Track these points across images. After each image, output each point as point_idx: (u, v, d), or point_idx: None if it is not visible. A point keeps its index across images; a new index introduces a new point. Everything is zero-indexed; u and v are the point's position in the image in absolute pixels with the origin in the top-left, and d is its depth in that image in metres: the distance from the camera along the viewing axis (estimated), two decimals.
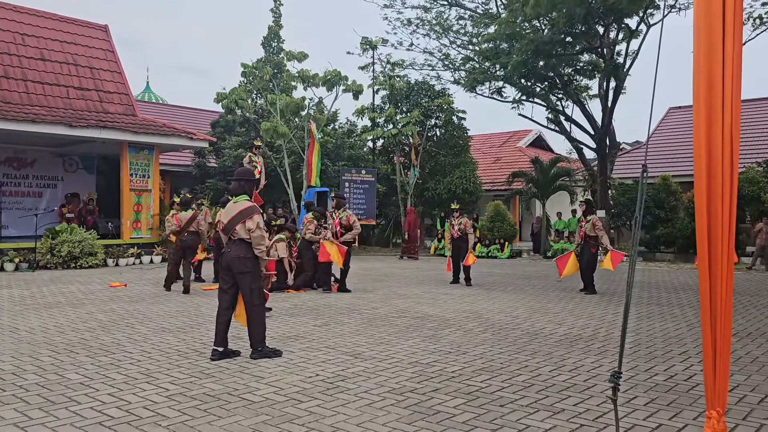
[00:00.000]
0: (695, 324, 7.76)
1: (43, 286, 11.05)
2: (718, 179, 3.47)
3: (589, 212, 11.26)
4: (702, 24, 3.72)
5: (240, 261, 5.69)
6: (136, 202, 16.91)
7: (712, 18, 3.65)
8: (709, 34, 3.65)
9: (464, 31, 22.44)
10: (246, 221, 5.69)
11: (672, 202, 19.94)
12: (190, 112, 30.30)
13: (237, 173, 6.05)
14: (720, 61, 3.59)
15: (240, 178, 5.94)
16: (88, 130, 15.68)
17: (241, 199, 5.84)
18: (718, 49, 3.59)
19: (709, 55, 3.62)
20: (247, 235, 5.71)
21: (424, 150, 23.03)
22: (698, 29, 3.74)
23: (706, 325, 3.26)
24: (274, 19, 25.54)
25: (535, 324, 7.69)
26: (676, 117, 27.73)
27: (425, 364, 5.54)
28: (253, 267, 5.76)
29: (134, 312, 8.31)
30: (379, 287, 11.47)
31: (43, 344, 6.21)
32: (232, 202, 5.89)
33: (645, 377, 5.15)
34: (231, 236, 5.77)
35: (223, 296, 5.80)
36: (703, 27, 3.71)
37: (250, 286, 5.72)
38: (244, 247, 5.73)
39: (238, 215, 5.71)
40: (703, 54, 3.66)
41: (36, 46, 17.26)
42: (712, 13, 3.67)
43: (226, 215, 5.82)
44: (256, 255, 5.76)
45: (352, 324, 7.53)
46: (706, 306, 3.26)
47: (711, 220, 3.43)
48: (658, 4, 17.88)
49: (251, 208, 5.78)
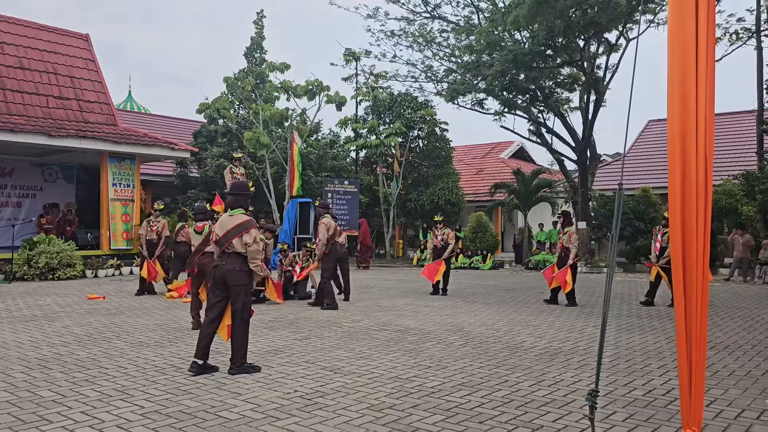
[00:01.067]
0: (674, 336, 7.79)
1: (18, 299, 10.87)
2: (692, 197, 3.50)
3: (567, 224, 11.34)
4: (675, 41, 3.76)
5: (236, 274, 5.65)
6: (123, 212, 16.74)
7: (685, 35, 3.68)
8: (682, 51, 3.68)
9: (447, 43, 22.58)
10: (243, 235, 5.67)
11: (652, 213, 20.15)
12: (173, 121, 30.12)
13: (232, 187, 6.02)
14: (693, 77, 3.62)
15: (236, 192, 5.93)
16: (67, 139, 15.52)
17: (238, 212, 5.81)
18: (691, 66, 3.63)
19: (683, 71, 3.66)
20: (243, 249, 5.68)
21: (407, 161, 23.09)
22: (672, 46, 3.78)
23: (681, 346, 3.28)
24: (256, 30, 25.54)
25: (516, 337, 7.70)
26: (656, 129, 28.10)
27: (405, 379, 5.51)
28: (248, 281, 5.74)
29: (111, 325, 8.19)
30: (360, 299, 11.42)
31: (16, 360, 6.08)
32: (227, 215, 5.84)
33: (624, 392, 5.17)
34: (225, 249, 5.72)
35: (212, 309, 5.72)
36: (676, 44, 3.75)
37: (243, 300, 5.68)
38: (240, 260, 5.70)
39: (235, 229, 5.68)
40: (676, 70, 3.70)
41: (15, 55, 17.08)
42: (685, 30, 3.71)
43: (221, 228, 5.76)
44: (251, 269, 5.72)
45: (333, 338, 7.48)
46: (681, 328, 3.28)
47: (686, 238, 3.45)
48: (636, 19, 18.16)
49: (249, 222, 5.76)
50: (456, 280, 15.84)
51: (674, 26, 3.77)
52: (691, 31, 3.69)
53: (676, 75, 3.70)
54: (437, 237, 12.47)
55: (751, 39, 18.67)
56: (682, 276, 3.48)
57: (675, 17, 3.70)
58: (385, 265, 21.24)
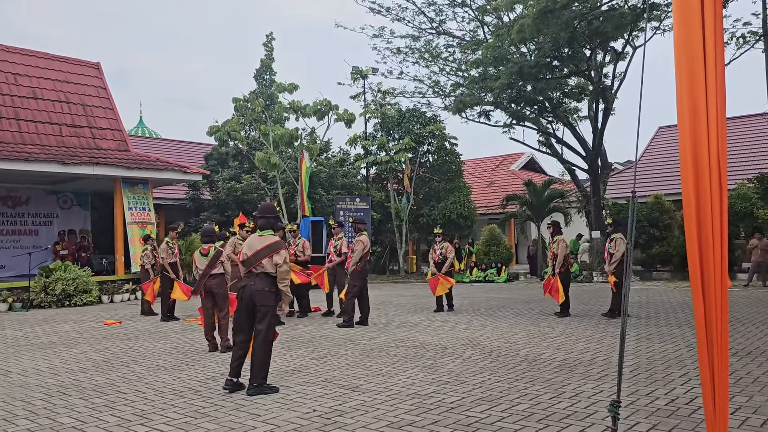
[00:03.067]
0: (695, 344, 7.69)
1: (36, 326, 10.94)
2: (707, 203, 3.46)
3: (556, 233, 11.22)
4: (681, 47, 3.74)
5: (264, 295, 5.71)
6: (141, 235, 16.82)
7: (692, 40, 3.67)
8: (689, 57, 3.67)
9: (453, 58, 22.70)
10: (273, 255, 5.74)
11: (666, 220, 19.99)
12: (184, 145, 30.43)
13: (261, 209, 6.12)
14: (702, 82, 3.60)
15: (266, 215, 6.01)
16: (81, 167, 15.70)
17: (267, 233, 5.90)
18: (699, 71, 3.61)
19: (691, 76, 3.64)
20: (273, 269, 5.74)
21: (418, 176, 23.12)
22: (678, 52, 3.76)
23: (702, 354, 3.23)
24: (266, 52, 25.82)
25: (534, 350, 7.63)
26: (666, 136, 27.95)
27: (424, 395, 5.47)
28: (275, 302, 5.80)
29: (129, 350, 8.21)
30: (376, 316, 11.38)
31: (36, 387, 6.11)
32: (257, 236, 5.92)
33: (646, 402, 5.10)
34: (253, 269, 5.75)
35: (241, 330, 5.78)
36: (682, 50, 3.74)
37: (269, 321, 5.73)
38: (269, 280, 5.75)
39: (266, 249, 5.75)
40: (684, 76, 3.68)
41: (29, 85, 17.36)
42: (691, 35, 3.69)
43: (250, 248, 5.82)
44: (280, 289, 5.78)
45: (350, 355, 7.45)
46: (702, 336, 3.23)
47: (702, 246, 3.42)
48: (642, 26, 18.17)
49: (279, 242, 5.85)
50: (471, 294, 15.77)
51: (680, 31, 3.76)
52: (698, 36, 3.67)
53: (684, 80, 3.68)
54: (436, 251, 12.36)
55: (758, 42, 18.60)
56: (701, 282, 3.43)
57: (680, 22, 3.69)
58: (399, 281, 21.19)
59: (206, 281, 7.97)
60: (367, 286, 10.47)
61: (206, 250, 8.28)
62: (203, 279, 7.96)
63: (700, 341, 3.37)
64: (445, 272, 12.02)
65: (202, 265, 8.10)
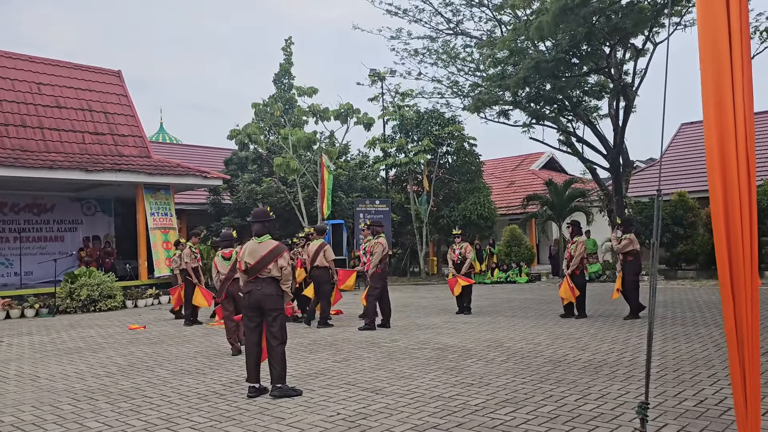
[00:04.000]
0: (722, 344, 7.57)
1: (62, 332, 11.10)
2: (735, 200, 3.40)
3: (576, 233, 11.02)
4: (706, 42, 3.68)
5: (272, 299, 5.80)
6: (164, 240, 17.03)
7: (717, 35, 3.60)
8: (714, 51, 3.60)
9: (471, 58, 22.59)
10: (278, 259, 5.84)
11: (690, 218, 19.69)
12: (204, 150, 30.70)
13: (255, 215, 6.13)
14: (729, 76, 3.53)
15: (261, 220, 6.05)
16: (103, 173, 15.92)
17: (266, 238, 5.98)
18: (725, 65, 3.54)
19: (716, 72, 3.57)
20: (279, 273, 5.84)
21: (437, 178, 23.05)
22: (703, 47, 3.70)
23: (733, 354, 3.16)
24: (285, 57, 25.98)
25: (558, 351, 7.55)
26: (689, 132, 27.56)
27: (447, 397, 5.44)
28: (282, 304, 5.91)
29: (153, 354, 8.29)
30: (398, 318, 11.36)
31: (64, 392, 6.19)
32: (256, 242, 5.96)
33: (674, 403, 5.01)
34: (259, 275, 5.83)
35: (251, 334, 5.85)
36: (707, 45, 3.67)
37: (280, 323, 5.82)
38: (275, 285, 5.85)
39: (270, 254, 5.83)
40: (709, 71, 3.61)
41: (52, 94, 17.66)
42: (717, 30, 3.63)
43: (253, 256, 5.87)
44: (284, 290, 5.90)
45: (372, 358, 7.44)
46: (732, 335, 3.17)
47: (731, 243, 3.35)
48: (663, 22, 17.92)
49: (280, 246, 5.95)
50: (493, 295, 15.69)
51: (704, 26, 3.69)
52: (723, 30, 3.60)
53: (709, 76, 3.61)
54: (455, 251, 12.24)
55: None
56: (730, 281, 3.37)
57: (704, 16, 3.63)
58: (421, 283, 21.14)
59: (228, 285, 8.06)
60: (387, 289, 10.45)
61: (228, 254, 8.39)
62: (226, 282, 8.07)
63: (730, 341, 3.30)
64: (464, 273, 11.94)
65: (225, 270, 8.20)
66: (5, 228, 18.26)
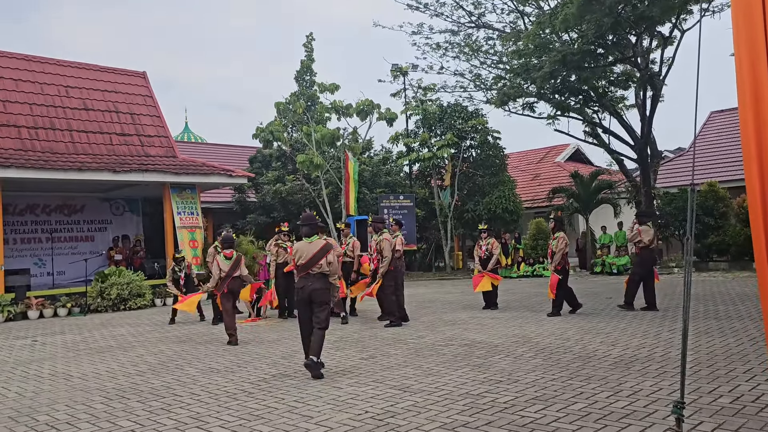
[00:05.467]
0: (758, 338, 7.40)
1: (94, 330, 11.28)
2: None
3: (558, 229, 10.75)
4: (741, 25, 3.56)
5: (321, 292, 6.58)
6: (191, 239, 17.20)
7: (752, 20, 3.49)
8: (750, 35, 3.48)
9: (494, 50, 22.41)
10: (327, 255, 6.63)
11: (721, 208, 19.30)
12: (228, 149, 30.94)
13: (303, 219, 6.97)
14: (765, 62, 3.42)
15: (308, 223, 6.89)
16: (131, 174, 16.10)
17: (315, 238, 6.81)
18: (761, 50, 3.43)
19: (752, 56, 3.45)
20: (328, 269, 6.62)
21: (461, 171, 22.91)
22: (738, 30, 3.58)
23: None
24: (306, 53, 26.01)
25: (587, 346, 7.45)
26: (719, 121, 26.98)
27: (476, 395, 5.39)
28: (329, 298, 6.72)
29: (182, 353, 8.38)
30: (424, 314, 11.33)
31: (96, 391, 6.29)
32: (307, 242, 6.75)
33: (709, 400, 4.90)
34: (309, 271, 6.59)
35: (306, 325, 6.65)
36: (742, 30, 3.56)
37: (327, 311, 6.65)
38: (323, 280, 6.63)
39: (320, 251, 6.62)
40: (745, 55, 3.49)
41: (79, 97, 17.91)
42: (752, 15, 3.51)
43: (303, 253, 6.67)
44: (331, 282, 6.70)
45: (399, 355, 7.42)
46: None
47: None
48: (690, 9, 17.55)
49: (328, 244, 6.76)
50: (520, 290, 15.55)
51: (739, 11, 3.58)
52: (759, 15, 3.49)
53: (744, 63, 3.50)
54: (482, 247, 11.99)
55: None
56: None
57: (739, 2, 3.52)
58: (446, 278, 21.06)
59: (229, 282, 9.02)
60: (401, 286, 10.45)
61: (229, 254, 9.19)
62: (227, 279, 9.02)
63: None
64: (491, 269, 11.76)
65: (226, 268, 9.07)
66: (38, 229, 18.62)
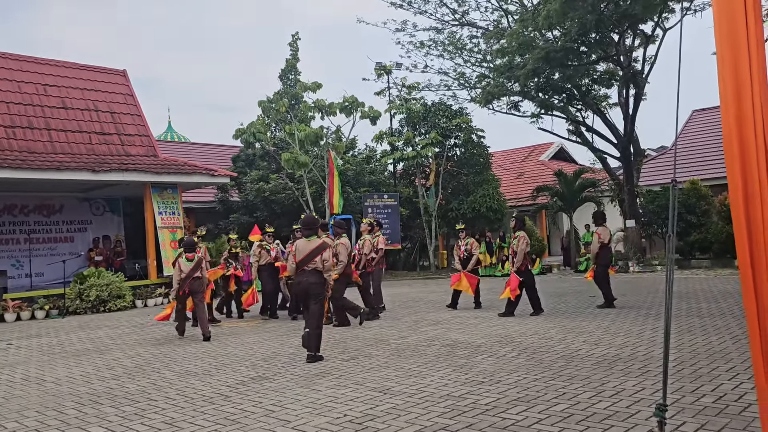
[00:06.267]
0: (740, 336, 7.39)
1: (71, 333, 11.06)
2: (755, 191, 3.24)
3: (518, 227, 10.56)
4: (723, 23, 3.51)
5: (316, 286, 7.28)
6: (171, 239, 16.98)
7: (734, 17, 3.44)
8: (732, 33, 3.43)
9: (478, 49, 22.37)
10: (322, 253, 7.29)
11: (703, 206, 19.43)
12: (212, 148, 30.66)
13: (303, 222, 7.65)
14: (746, 58, 3.37)
15: (309, 225, 7.54)
16: (110, 173, 15.86)
17: (313, 238, 7.41)
18: (743, 47, 3.38)
19: (734, 55, 3.40)
20: (321, 265, 7.26)
21: (446, 170, 22.85)
22: (720, 29, 3.52)
23: (756, 348, 3.01)
24: (291, 52, 25.83)
25: (570, 345, 7.39)
26: (701, 119, 27.19)
27: (457, 396, 5.31)
28: (323, 291, 7.46)
29: (160, 355, 8.21)
30: (407, 314, 11.25)
31: (68, 395, 6.12)
32: (305, 241, 7.39)
33: (692, 399, 4.85)
34: (306, 267, 7.23)
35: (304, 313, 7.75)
36: (725, 26, 3.50)
37: (321, 303, 7.40)
38: (318, 275, 7.27)
39: (315, 250, 7.27)
40: (727, 52, 3.44)
41: (58, 95, 17.62)
42: (734, 11, 3.46)
43: (301, 251, 7.30)
44: (326, 278, 7.38)
45: (381, 356, 7.32)
46: (754, 330, 3.01)
47: (752, 236, 3.20)
48: (673, 8, 17.62)
49: (324, 243, 7.42)
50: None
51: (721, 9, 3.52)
52: (740, 12, 3.44)
53: (726, 60, 3.44)
54: (461, 248, 11.83)
55: None
56: (752, 274, 3.22)
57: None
58: (431, 277, 21.00)
59: (189, 283, 9.66)
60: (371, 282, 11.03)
61: (191, 257, 9.84)
62: (187, 280, 9.64)
63: (752, 334, 3.15)
64: (470, 269, 11.58)
65: (187, 270, 9.71)
66: (15, 230, 18.27)
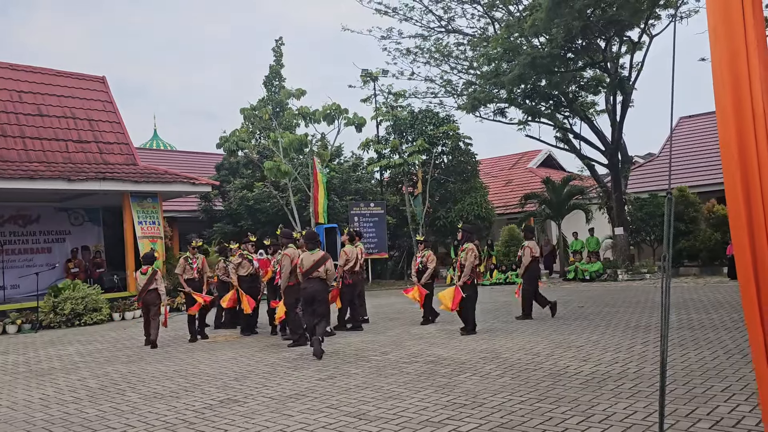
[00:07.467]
0: (733, 350, 7.10)
1: (41, 349, 10.60)
2: (758, 198, 2.96)
3: (466, 240, 10.02)
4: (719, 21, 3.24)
5: (323, 292, 8.62)
6: (153, 249, 16.48)
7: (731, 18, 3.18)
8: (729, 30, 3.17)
9: (464, 56, 22.14)
10: (325, 264, 8.53)
11: (692, 213, 19.26)
12: (196, 156, 30.24)
13: (306, 237, 8.81)
14: (745, 64, 3.10)
15: (312, 240, 8.72)
16: (87, 182, 15.40)
17: (316, 251, 8.59)
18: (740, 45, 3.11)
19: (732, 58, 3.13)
20: (325, 274, 8.52)
21: (433, 178, 22.56)
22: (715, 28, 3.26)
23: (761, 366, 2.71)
24: (275, 58, 25.49)
25: (558, 362, 7.07)
26: (687, 126, 27.12)
27: (437, 422, 4.96)
28: (328, 296, 8.96)
29: (128, 374, 7.80)
30: (391, 327, 10.90)
31: (21, 423, 5.70)
32: (309, 254, 8.56)
33: (687, 425, 4.53)
34: (311, 276, 8.45)
35: (309, 316, 8.58)
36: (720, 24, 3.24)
37: (326, 306, 8.80)
38: (321, 282, 8.56)
39: (319, 261, 8.50)
40: (725, 57, 3.17)
41: (33, 102, 17.16)
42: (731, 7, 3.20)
43: (307, 262, 8.51)
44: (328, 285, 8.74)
45: (360, 375, 6.96)
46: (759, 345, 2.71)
47: (755, 245, 2.92)
48: (659, 14, 17.48)
49: (326, 255, 8.59)
50: (491, 299, 15.19)
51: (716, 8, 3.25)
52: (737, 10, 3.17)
53: (724, 63, 3.17)
54: (417, 259, 11.38)
55: None
56: (755, 284, 2.94)
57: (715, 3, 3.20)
58: None
59: (145, 295, 10.04)
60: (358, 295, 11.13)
61: (145, 270, 10.15)
62: (143, 293, 10.04)
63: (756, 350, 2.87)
64: (424, 283, 11.02)
65: (142, 283, 10.07)
66: None
